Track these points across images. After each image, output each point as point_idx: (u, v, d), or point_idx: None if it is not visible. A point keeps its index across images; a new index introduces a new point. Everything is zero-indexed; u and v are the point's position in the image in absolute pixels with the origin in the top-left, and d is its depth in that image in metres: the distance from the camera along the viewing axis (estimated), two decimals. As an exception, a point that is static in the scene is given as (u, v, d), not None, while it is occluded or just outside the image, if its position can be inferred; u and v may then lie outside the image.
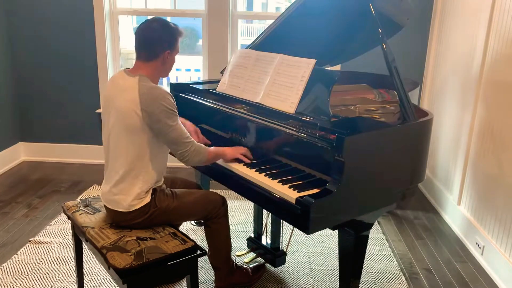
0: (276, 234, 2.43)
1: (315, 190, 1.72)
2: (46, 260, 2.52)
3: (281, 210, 1.72)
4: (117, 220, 1.88)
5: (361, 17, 2.23)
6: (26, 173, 3.88)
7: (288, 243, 2.63)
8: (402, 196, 1.93)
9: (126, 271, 1.61)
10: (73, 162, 4.16)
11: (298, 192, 1.71)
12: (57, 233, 2.82)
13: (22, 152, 4.19)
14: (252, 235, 2.61)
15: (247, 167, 1.97)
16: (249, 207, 3.25)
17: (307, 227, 1.61)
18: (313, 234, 2.86)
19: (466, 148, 2.89)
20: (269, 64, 2.24)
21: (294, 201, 1.66)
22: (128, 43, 4.30)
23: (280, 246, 2.47)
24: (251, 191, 1.86)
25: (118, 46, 3.97)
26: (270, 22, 3.08)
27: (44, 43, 3.91)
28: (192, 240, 1.81)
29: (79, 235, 2.02)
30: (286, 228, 2.84)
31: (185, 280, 2.34)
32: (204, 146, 1.92)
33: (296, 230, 2.81)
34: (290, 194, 1.69)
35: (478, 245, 2.67)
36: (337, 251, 2.67)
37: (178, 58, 2.02)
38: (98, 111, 4.00)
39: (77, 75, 3.97)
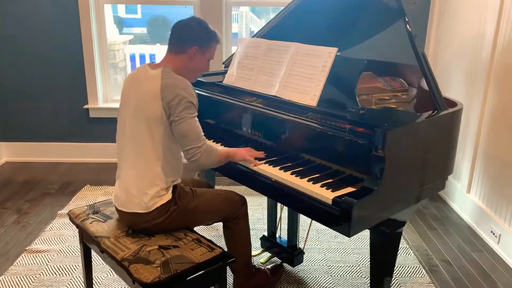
0: (292, 231, 2.32)
1: (350, 189, 1.61)
2: (47, 270, 2.33)
3: (315, 211, 1.61)
4: (134, 223, 1.73)
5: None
6: (10, 176, 3.63)
7: (305, 241, 2.53)
8: (436, 188, 1.85)
9: (155, 285, 1.46)
10: (61, 162, 3.93)
11: (332, 191, 1.60)
12: (55, 240, 2.63)
13: (4, 153, 3.93)
14: (266, 234, 2.49)
15: (269, 165, 1.84)
16: (259, 203, 3.13)
17: (348, 230, 1.50)
18: (323, 229, 2.78)
19: (476, 135, 2.84)
20: (284, 53, 2.11)
21: (330, 202, 1.55)
22: (112, 34, 4.06)
23: (297, 244, 2.37)
24: (278, 192, 1.74)
25: (105, 38, 3.75)
26: (259, 8, 2.93)
27: (24, 39, 3.64)
28: (219, 247, 1.68)
29: (89, 245, 1.86)
30: (302, 224, 2.74)
31: None
32: (215, 147, 1.78)
33: (312, 225, 2.71)
34: (325, 194, 1.58)
35: (494, 234, 2.64)
36: (352, 246, 2.61)
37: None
38: (86, 107, 3.78)
39: (61, 70, 3.72)
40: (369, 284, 2.25)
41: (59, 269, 2.35)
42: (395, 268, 2.41)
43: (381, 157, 1.52)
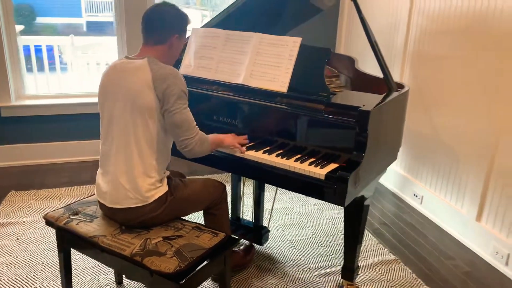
0: (259, 212, 2.45)
1: (334, 165, 1.80)
2: (3, 285, 2.14)
3: (309, 188, 1.76)
4: (130, 218, 1.70)
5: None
6: None
7: (269, 220, 2.67)
8: (393, 158, 2.14)
9: (177, 274, 1.49)
10: (-32, 169, 3.50)
11: (321, 168, 1.77)
12: (-2, 252, 2.40)
13: None
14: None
15: (251, 150, 1.94)
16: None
17: (344, 200, 1.69)
18: (275, 208, 2.96)
19: (395, 113, 3.26)
20: (245, 43, 2.20)
21: (323, 177, 1.72)
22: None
23: (262, 224, 2.51)
24: (269, 174, 1.85)
25: (14, 29, 3.40)
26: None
27: None
28: (223, 230, 1.74)
29: (77, 249, 1.78)
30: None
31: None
32: (207, 136, 1.82)
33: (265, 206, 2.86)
34: (317, 171, 1.74)
35: (417, 196, 3.08)
36: (304, 221, 2.84)
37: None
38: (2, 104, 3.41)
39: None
40: (328, 251, 2.51)
41: (15, 281, 2.16)
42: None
43: (364, 133, 1.73)
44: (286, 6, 2.60)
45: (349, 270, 2.13)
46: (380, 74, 2.10)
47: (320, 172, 1.74)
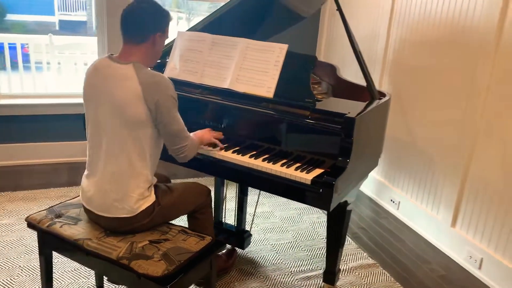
0: (241, 217, 2.47)
1: (319, 170, 1.83)
2: (-21, 289, 2.08)
3: (295, 192, 1.79)
4: (115, 226, 1.68)
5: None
6: None
7: (251, 224, 2.69)
8: (374, 165, 2.20)
9: (165, 278, 1.48)
10: None
11: (307, 173, 1.80)
12: (-28, 255, 2.32)
13: None
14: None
15: (237, 154, 1.95)
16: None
17: (329, 205, 1.72)
18: (256, 212, 2.98)
19: (373, 120, 3.34)
20: (232, 48, 2.22)
21: (309, 182, 1.75)
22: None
23: (245, 228, 2.52)
24: (254, 178, 1.87)
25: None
26: None
27: None
28: (208, 234, 1.75)
29: (59, 252, 1.75)
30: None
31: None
32: (192, 137, 1.82)
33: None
34: (303, 176, 1.77)
35: (393, 202, 3.16)
36: (284, 225, 2.87)
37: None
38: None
39: None
40: (309, 255, 2.55)
41: (-7, 285, 2.11)
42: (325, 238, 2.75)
43: (350, 140, 1.77)
44: (269, 14, 2.64)
45: (331, 273, 2.17)
46: (361, 82, 2.16)
47: (306, 177, 1.77)
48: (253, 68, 2.12)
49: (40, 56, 4.70)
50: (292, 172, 1.80)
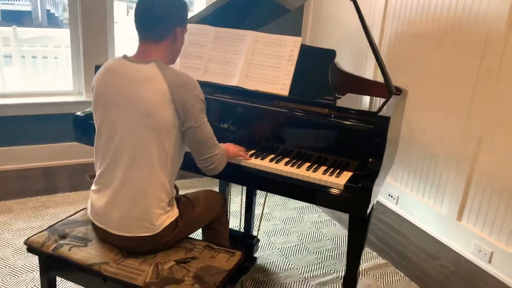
0: (250, 222, 2.32)
1: (348, 173, 1.72)
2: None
3: (324, 198, 1.67)
4: (134, 246, 1.49)
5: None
6: None
7: (258, 229, 2.54)
8: (393, 162, 2.12)
9: (204, 304, 1.32)
10: None
11: (337, 177, 1.68)
12: None
13: None
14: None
15: (255, 158, 1.80)
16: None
17: (366, 210, 1.61)
18: (255, 215, 2.84)
19: (367, 113, 3.27)
20: (239, 42, 2.05)
21: (342, 187, 1.63)
22: None
23: (252, 233, 2.38)
24: (280, 184, 1.73)
25: None
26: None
27: None
28: (237, 249, 1.59)
29: (67, 277, 1.53)
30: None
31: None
32: (220, 144, 1.64)
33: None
34: (335, 181, 1.65)
35: (392, 197, 3.11)
36: (286, 227, 2.75)
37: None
38: None
39: None
40: (319, 258, 2.45)
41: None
42: (338, 238, 2.67)
43: (383, 140, 1.66)
44: (253, 7, 2.46)
45: (352, 279, 2.06)
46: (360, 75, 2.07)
47: (338, 181, 1.64)
48: (264, 64, 1.97)
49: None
50: (321, 177, 1.67)
